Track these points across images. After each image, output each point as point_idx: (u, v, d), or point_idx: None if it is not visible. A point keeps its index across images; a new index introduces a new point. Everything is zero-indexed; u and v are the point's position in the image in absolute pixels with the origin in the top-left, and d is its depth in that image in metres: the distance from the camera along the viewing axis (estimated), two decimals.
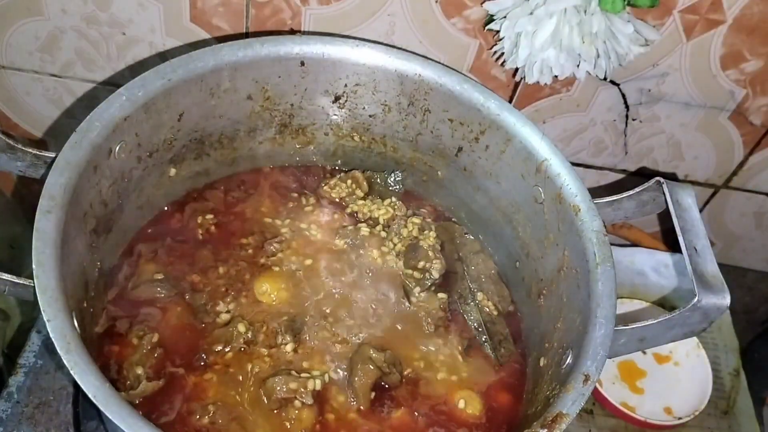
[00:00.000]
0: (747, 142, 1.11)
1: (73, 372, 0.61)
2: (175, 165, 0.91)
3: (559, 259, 0.84)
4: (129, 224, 0.88)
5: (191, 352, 0.81)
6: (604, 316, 0.74)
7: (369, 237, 0.93)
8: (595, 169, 1.18)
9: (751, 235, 1.29)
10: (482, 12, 0.94)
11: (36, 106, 1.15)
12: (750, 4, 0.92)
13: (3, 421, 0.86)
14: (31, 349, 0.92)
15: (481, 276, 0.95)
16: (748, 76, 1.01)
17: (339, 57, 0.90)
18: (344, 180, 0.99)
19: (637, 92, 1.04)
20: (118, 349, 0.80)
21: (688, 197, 0.82)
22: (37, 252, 0.66)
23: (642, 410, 1.02)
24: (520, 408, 0.84)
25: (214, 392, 0.78)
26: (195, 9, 0.98)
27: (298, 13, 0.98)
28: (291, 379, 0.78)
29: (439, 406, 0.83)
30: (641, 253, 1.19)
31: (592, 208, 0.81)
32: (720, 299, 0.75)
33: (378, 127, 0.98)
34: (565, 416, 0.67)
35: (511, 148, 0.88)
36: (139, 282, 0.85)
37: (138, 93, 0.80)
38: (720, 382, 1.10)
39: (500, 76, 1.03)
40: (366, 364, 0.81)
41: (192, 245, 0.90)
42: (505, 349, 0.89)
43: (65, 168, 0.72)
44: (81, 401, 0.89)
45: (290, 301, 0.87)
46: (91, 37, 1.03)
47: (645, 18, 0.93)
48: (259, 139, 0.97)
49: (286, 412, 0.78)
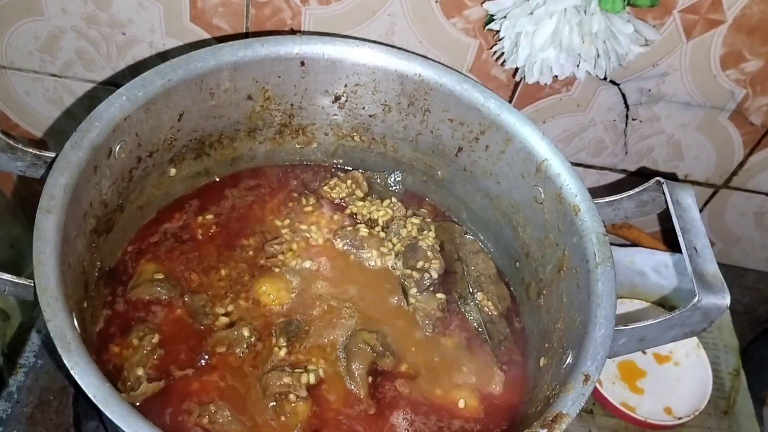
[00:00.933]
0: (747, 142, 1.11)
1: (73, 372, 0.61)
2: (175, 165, 0.91)
3: (559, 259, 0.84)
4: (129, 224, 0.88)
5: (192, 353, 0.81)
6: (604, 316, 0.74)
7: (368, 237, 0.93)
8: (595, 169, 1.17)
9: (751, 235, 1.29)
10: (482, 12, 0.94)
11: (36, 106, 1.15)
12: (750, 4, 0.92)
13: (3, 421, 0.86)
14: (31, 349, 0.92)
15: (481, 276, 0.95)
16: (748, 76, 1.01)
17: (339, 57, 0.90)
18: (344, 180, 0.99)
19: (637, 92, 1.04)
20: (118, 350, 0.80)
21: (688, 197, 0.82)
22: (37, 252, 0.66)
23: (642, 410, 1.02)
24: (520, 408, 0.84)
25: (215, 392, 0.78)
26: (195, 9, 0.98)
27: (298, 13, 0.98)
28: (285, 374, 0.79)
29: (438, 406, 0.83)
30: (641, 253, 1.19)
31: (592, 208, 0.81)
32: (720, 299, 0.75)
33: (378, 127, 0.98)
34: (565, 416, 0.67)
35: (511, 148, 0.88)
36: (139, 282, 0.85)
37: (138, 93, 0.80)
38: (720, 382, 1.10)
39: (500, 76, 1.03)
40: (360, 346, 0.82)
41: (192, 245, 0.90)
42: (505, 349, 0.89)
43: (65, 168, 0.72)
44: (81, 401, 0.89)
45: (290, 302, 0.87)
46: (91, 37, 1.03)
47: (645, 18, 0.93)
48: (259, 139, 0.97)
49: (281, 407, 0.78)
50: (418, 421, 0.81)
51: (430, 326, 0.88)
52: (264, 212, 0.96)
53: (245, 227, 0.93)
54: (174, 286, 0.85)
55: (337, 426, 0.79)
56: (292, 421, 0.78)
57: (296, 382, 0.79)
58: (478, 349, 0.89)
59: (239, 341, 0.81)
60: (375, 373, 0.83)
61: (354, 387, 0.82)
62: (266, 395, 0.78)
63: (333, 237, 0.94)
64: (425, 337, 0.88)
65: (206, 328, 0.83)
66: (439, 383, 0.85)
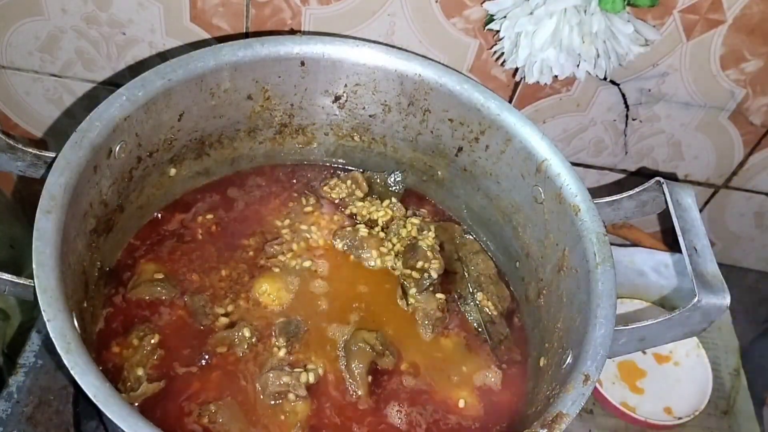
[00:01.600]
0: (747, 142, 1.11)
1: (73, 372, 0.61)
2: (175, 165, 0.91)
3: (559, 259, 0.84)
4: (129, 224, 0.88)
5: (192, 353, 0.81)
6: (604, 316, 0.74)
7: (368, 238, 0.93)
8: (595, 169, 1.18)
9: (751, 235, 1.29)
10: (482, 12, 0.94)
11: (36, 106, 1.15)
12: (750, 4, 0.92)
13: (3, 421, 0.86)
14: (31, 349, 0.92)
15: (480, 276, 0.95)
16: (748, 76, 1.01)
17: (339, 57, 0.90)
18: (344, 180, 0.99)
19: (637, 92, 1.04)
20: (118, 350, 0.80)
21: (688, 197, 0.82)
22: (37, 252, 0.66)
23: (642, 410, 1.02)
24: (520, 407, 0.84)
25: (215, 392, 0.78)
26: (195, 9, 0.98)
27: (298, 13, 0.98)
28: (284, 374, 0.79)
29: (438, 406, 0.83)
30: (641, 253, 1.19)
31: (592, 208, 0.81)
32: (720, 299, 0.75)
33: (378, 127, 0.98)
34: (565, 416, 0.67)
35: (511, 148, 0.88)
36: (139, 282, 0.85)
37: (138, 93, 0.80)
38: (720, 382, 1.10)
39: (500, 76, 1.03)
40: (360, 345, 0.82)
41: (192, 245, 0.90)
42: (505, 349, 0.89)
43: (65, 168, 0.72)
44: (81, 401, 0.89)
45: (289, 302, 0.87)
46: (91, 37, 1.03)
47: (645, 18, 0.93)
48: (259, 139, 0.97)
49: (281, 406, 0.78)
50: (417, 421, 0.81)
51: (430, 326, 0.88)
52: (264, 212, 0.96)
53: (245, 227, 0.93)
54: (174, 287, 0.85)
55: (336, 425, 0.79)
56: (292, 420, 0.78)
57: (295, 381, 0.79)
58: (478, 349, 0.89)
59: (240, 342, 0.81)
60: (375, 372, 0.83)
61: (354, 386, 0.82)
62: (265, 394, 0.79)
63: (333, 237, 0.94)
64: (425, 337, 0.88)
65: (206, 328, 0.83)
66: (439, 383, 0.85)
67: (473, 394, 0.85)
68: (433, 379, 0.85)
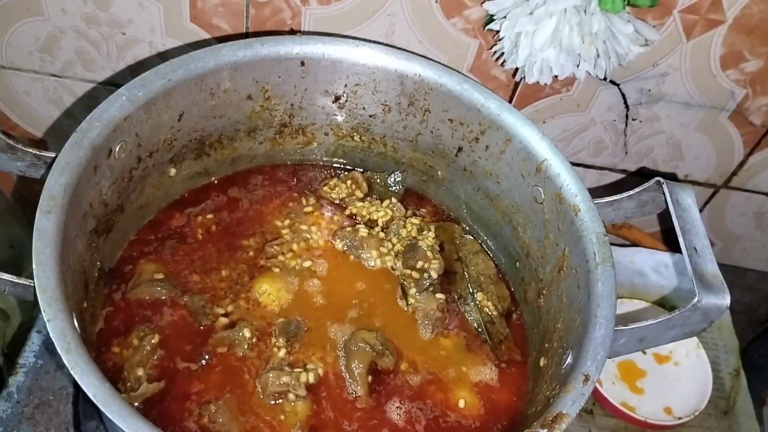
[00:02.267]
0: (747, 142, 1.11)
1: (73, 372, 0.61)
2: (175, 165, 0.91)
3: (559, 259, 0.84)
4: (129, 224, 0.88)
5: (192, 353, 0.81)
6: (604, 316, 0.74)
7: (367, 238, 0.93)
8: (595, 169, 1.18)
9: (751, 235, 1.29)
10: (482, 12, 0.94)
11: (36, 106, 1.15)
12: (750, 4, 0.92)
13: (3, 421, 0.86)
14: (31, 349, 0.92)
15: (480, 276, 0.95)
16: (748, 76, 1.01)
17: (339, 57, 0.90)
18: (344, 180, 0.99)
19: (637, 92, 1.04)
20: (118, 350, 0.80)
21: (688, 197, 0.82)
22: (37, 252, 0.66)
23: (642, 410, 1.02)
24: (520, 407, 0.84)
25: (215, 392, 0.78)
26: (195, 9, 0.98)
27: (298, 13, 0.98)
28: (284, 374, 0.79)
29: (438, 406, 0.83)
30: (641, 253, 1.19)
31: (592, 208, 0.81)
32: (720, 299, 0.75)
33: (378, 127, 0.98)
34: (565, 416, 0.67)
35: (511, 148, 0.88)
36: (139, 282, 0.85)
37: (138, 93, 0.80)
38: (720, 382, 1.10)
39: (500, 76, 1.03)
40: (360, 344, 0.82)
41: (192, 246, 0.90)
42: (505, 349, 0.89)
43: (65, 168, 0.72)
44: (81, 401, 0.89)
45: (289, 302, 0.87)
46: (91, 37, 1.03)
47: (645, 18, 0.93)
48: (259, 139, 0.97)
49: (281, 406, 0.78)
50: (417, 420, 0.81)
51: (430, 326, 0.88)
52: (264, 212, 0.96)
53: (245, 227, 0.94)
54: (174, 287, 0.85)
55: (336, 425, 0.79)
56: (292, 420, 0.78)
57: (295, 381, 0.79)
58: (478, 349, 0.89)
59: (240, 342, 0.81)
60: (375, 372, 0.83)
61: (354, 386, 0.82)
62: (266, 394, 0.79)
63: (333, 237, 0.94)
64: (425, 337, 0.88)
65: (206, 328, 0.83)
66: (439, 383, 0.85)
67: (473, 394, 0.85)
68: (432, 378, 0.85)
